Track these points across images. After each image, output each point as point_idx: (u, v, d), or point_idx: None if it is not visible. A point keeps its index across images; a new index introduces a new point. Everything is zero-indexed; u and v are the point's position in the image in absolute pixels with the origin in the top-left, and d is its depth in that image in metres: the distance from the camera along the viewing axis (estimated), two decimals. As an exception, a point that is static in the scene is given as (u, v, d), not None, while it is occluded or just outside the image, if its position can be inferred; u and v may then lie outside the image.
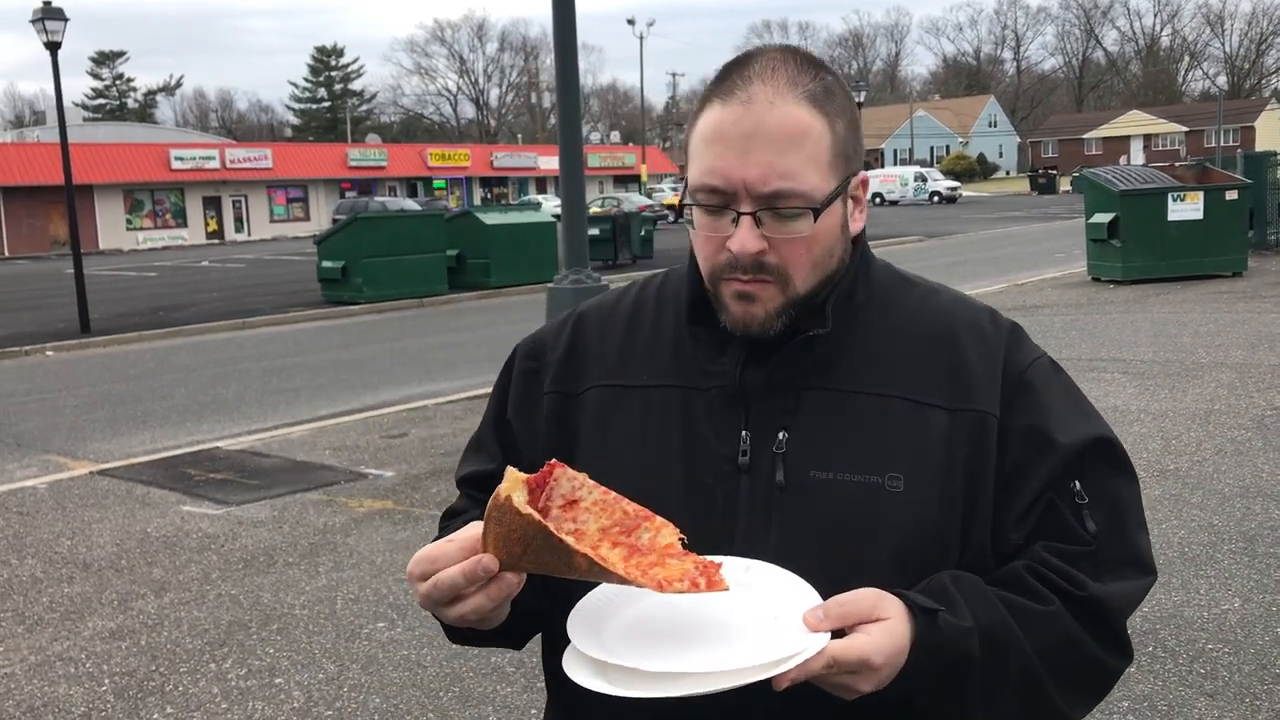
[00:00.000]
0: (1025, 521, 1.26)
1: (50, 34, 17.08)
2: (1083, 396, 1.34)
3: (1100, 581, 1.23)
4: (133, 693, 4.54)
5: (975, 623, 1.16)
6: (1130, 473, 1.31)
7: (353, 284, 20.20)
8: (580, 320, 1.44)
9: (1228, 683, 4.11)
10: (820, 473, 1.24)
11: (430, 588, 1.14)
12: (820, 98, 1.24)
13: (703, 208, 1.25)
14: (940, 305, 1.35)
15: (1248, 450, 7.21)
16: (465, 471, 1.46)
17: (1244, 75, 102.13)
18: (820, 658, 1.07)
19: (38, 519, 7.20)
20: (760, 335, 1.26)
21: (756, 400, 1.28)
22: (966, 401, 1.26)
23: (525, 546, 1.08)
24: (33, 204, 48.97)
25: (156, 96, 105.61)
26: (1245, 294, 15.13)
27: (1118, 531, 1.26)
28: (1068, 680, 1.23)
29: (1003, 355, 1.31)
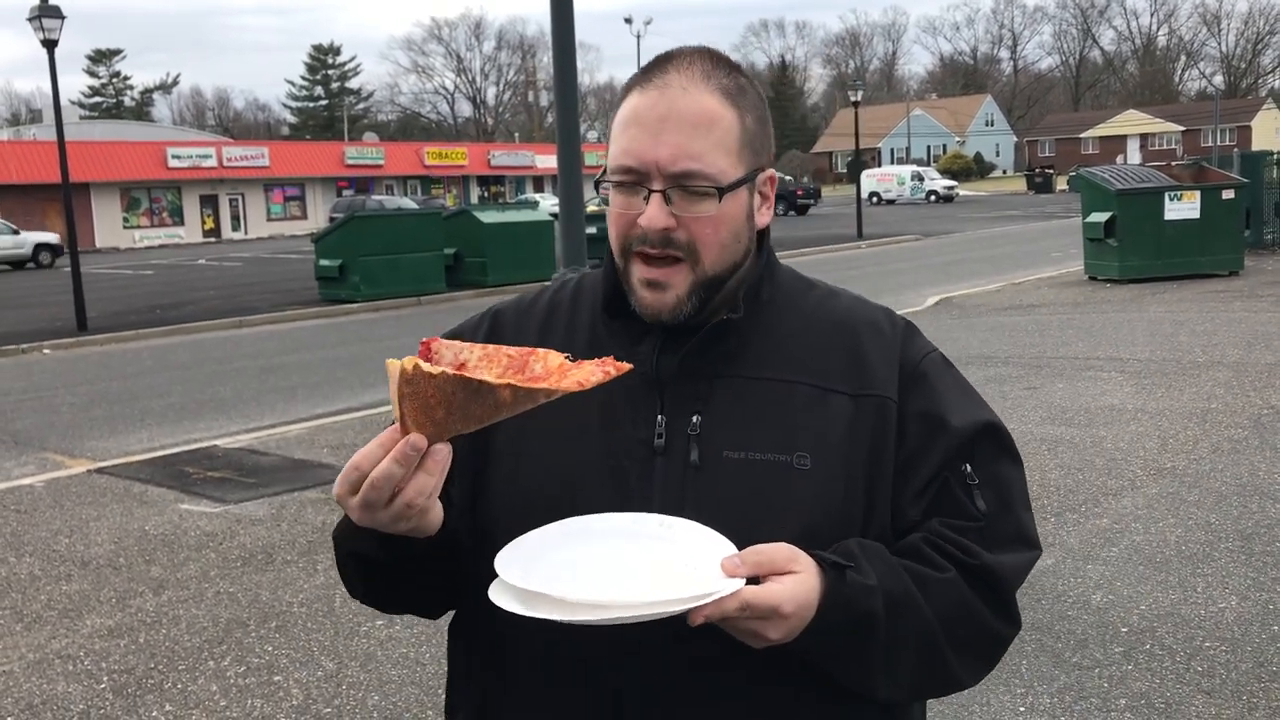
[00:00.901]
0: (921, 499, 1.34)
1: (47, 31, 17.06)
2: (971, 386, 1.43)
3: (991, 553, 1.31)
4: (131, 690, 4.54)
5: (879, 583, 1.23)
6: (1016, 457, 1.40)
7: (350, 282, 20.19)
8: (497, 317, 1.49)
9: (1225, 680, 4.12)
10: (732, 453, 1.30)
11: (367, 490, 1.14)
12: (732, 91, 1.32)
13: (617, 186, 1.32)
14: (840, 305, 1.44)
15: (1244, 449, 7.23)
16: None
17: (1240, 75, 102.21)
18: (734, 599, 1.14)
19: (35, 517, 7.19)
20: (671, 320, 1.32)
21: (671, 386, 1.33)
22: (867, 387, 1.35)
23: (447, 406, 1.10)
24: (29, 202, 48.87)
25: (153, 95, 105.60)
26: (1242, 293, 15.15)
27: (1005, 510, 1.34)
28: (962, 645, 1.30)
29: (899, 348, 1.40)
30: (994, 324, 13.65)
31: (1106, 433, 7.81)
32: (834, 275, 22.25)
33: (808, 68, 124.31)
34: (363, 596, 1.40)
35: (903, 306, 15.84)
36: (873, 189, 60.28)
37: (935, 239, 31.82)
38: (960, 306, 15.68)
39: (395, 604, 1.42)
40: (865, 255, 27.66)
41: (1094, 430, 7.91)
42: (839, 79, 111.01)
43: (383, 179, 61.23)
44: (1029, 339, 12.23)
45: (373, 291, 20.06)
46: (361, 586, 1.37)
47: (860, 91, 36.12)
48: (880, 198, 60.71)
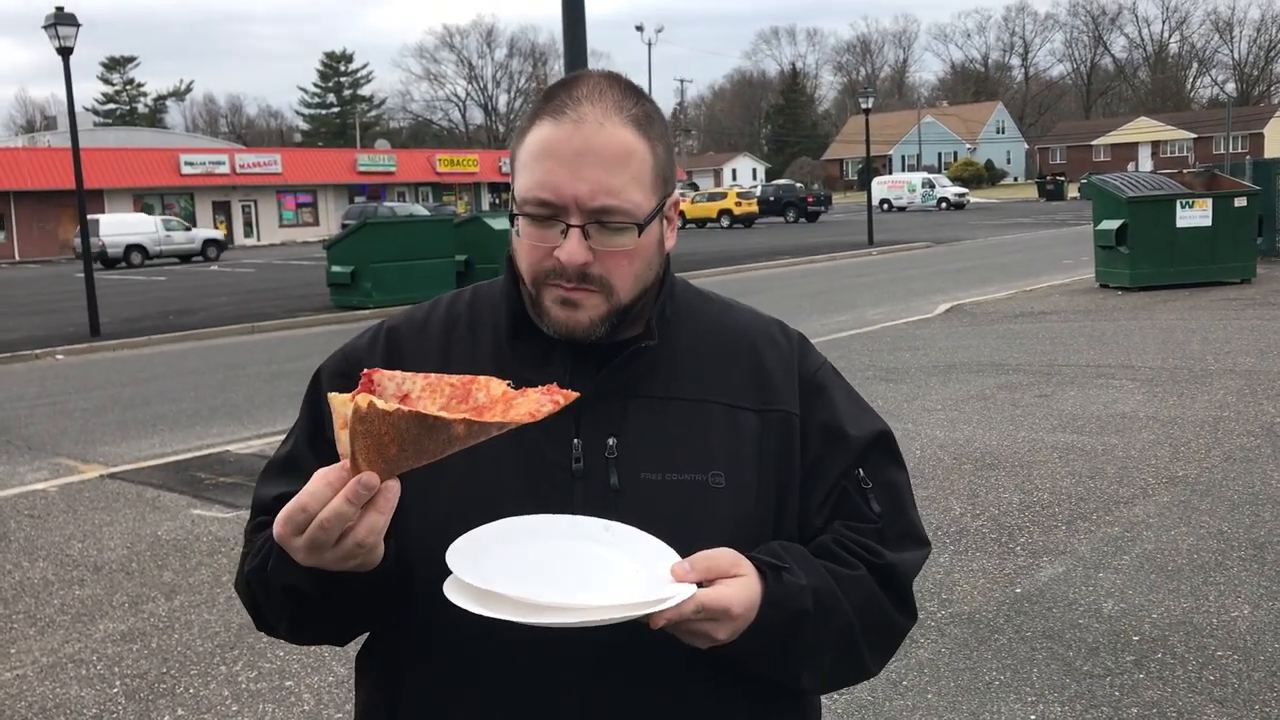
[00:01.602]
0: (825, 506, 1.40)
1: (62, 39, 17.17)
2: (860, 395, 1.51)
3: (891, 552, 1.39)
4: (144, 695, 4.56)
5: (808, 581, 1.30)
6: (901, 461, 1.48)
7: (362, 288, 20.24)
8: (392, 333, 1.46)
9: (1237, 690, 4.11)
10: (650, 474, 1.33)
11: (315, 531, 1.13)
12: (643, 122, 1.33)
13: (531, 218, 1.31)
14: (737, 320, 1.48)
15: (1257, 457, 7.20)
16: (280, 490, 1.38)
17: (1253, 82, 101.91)
18: (691, 602, 1.19)
19: (49, 522, 7.23)
20: (583, 339, 1.33)
21: (585, 409, 1.31)
22: (772, 403, 1.40)
23: (400, 443, 1.09)
24: (43, 208, 49.16)
25: (166, 101, 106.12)
26: (1254, 301, 15.10)
27: (897, 511, 1.42)
28: (873, 638, 1.38)
29: (796, 361, 1.45)
30: (1005, 331, 13.62)
31: (1118, 440, 7.79)
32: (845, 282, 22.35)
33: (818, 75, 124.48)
34: (285, 631, 1.37)
35: (914, 313, 15.83)
36: (883, 196, 60.24)
37: (946, 246, 31.78)
38: (971, 314, 15.66)
39: (312, 635, 1.39)
40: (876, 262, 27.64)
41: (1105, 438, 7.89)
42: (850, 86, 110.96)
43: (394, 186, 61.41)
44: (1040, 346, 12.20)
45: (384, 298, 20.09)
46: (286, 621, 1.34)
47: (871, 98, 36.10)
48: (891, 205, 60.66)
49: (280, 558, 1.24)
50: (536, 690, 1.30)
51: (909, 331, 14.12)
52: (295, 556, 1.18)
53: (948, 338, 13.38)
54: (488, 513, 1.29)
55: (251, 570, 1.34)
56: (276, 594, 1.30)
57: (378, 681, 1.43)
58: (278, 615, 1.34)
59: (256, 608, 1.38)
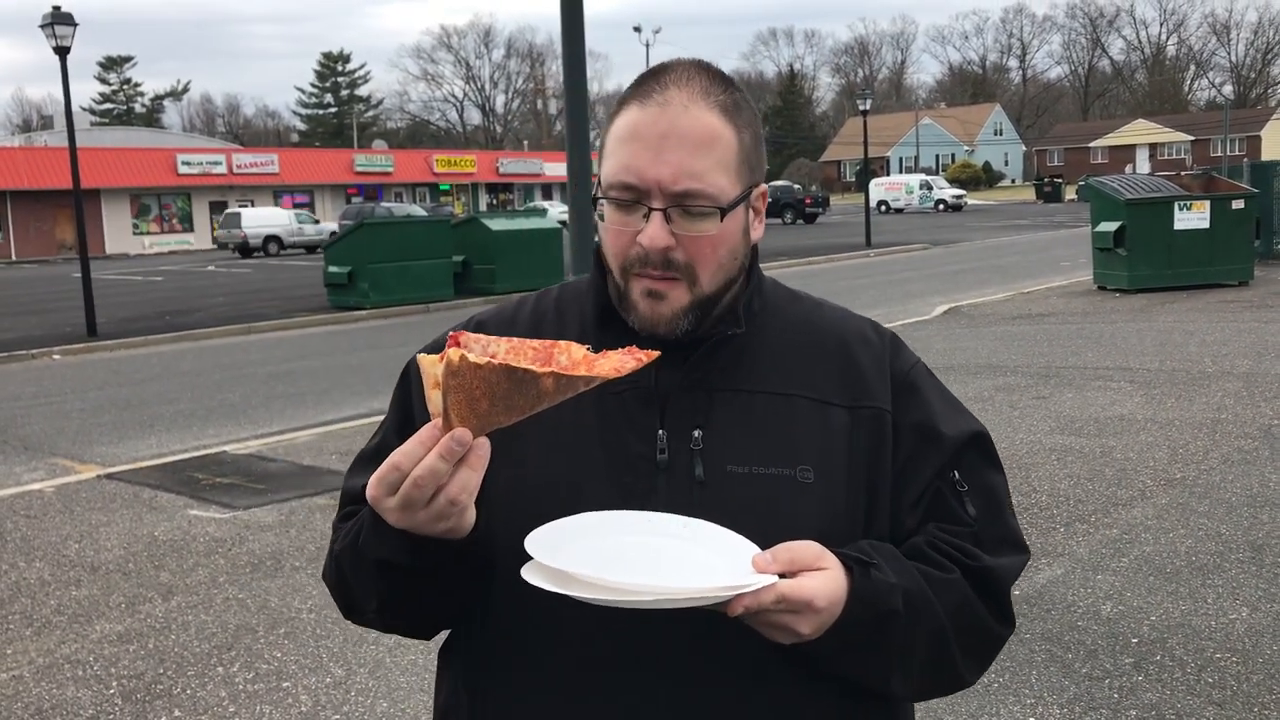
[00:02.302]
0: (918, 507, 1.37)
1: (59, 39, 17.15)
2: (954, 396, 1.47)
3: (989, 556, 1.35)
4: (140, 696, 4.55)
5: (899, 581, 1.26)
6: (998, 464, 1.44)
7: (359, 289, 20.24)
8: (481, 328, 1.47)
9: (1236, 692, 4.11)
10: (736, 467, 1.31)
11: (409, 488, 1.12)
12: (730, 108, 1.32)
13: (615, 203, 1.31)
14: (827, 317, 1.46)
15: (1255, 459, 7.20)
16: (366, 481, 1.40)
17: (1250, 84, 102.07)
18: (771, 591, 1.16)
19: (45, 522, 7.21)
20: (667, 334, 1.32)
21: (671, 401, 1.33)
22: (863, 400, 1.37)
23: (491, 397, 1.10)
24: (40, 208, 49.13)
25: (164, 101, 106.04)
26: (1252, 303, 15.11)
27: (994, 515, 1.39)
28: (967, 644, 1.33)
29: (888, 359, 1.42)
30: (1003, 333, 13.63)
31: (1116, 443, 7.79)
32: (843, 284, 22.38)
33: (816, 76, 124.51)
34: (374, 613, 1.35)
35: (911, 315, 15.83)
36: (881, 198, 60.30)
37: (944, 248, 31.80)
38: (969, 315, 15.66)
39: (402, 620, 1.38)
40: (874, 264, 27.65)
41: (1103, 440, 7.89)
42: (847, 88, 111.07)
43: (392, 186, 61.42)
44: (1038, 348, 12.20)
45: (381, 299, 20.10)
46: (375, 600, 1.32)
47: (869, 100, 36.13)
48: (889, 206, 60.71)
49: (372, 529, 1.23)
50: (619, 691, 1.28)
51: (907, 333, 14.12)
52: (388, 518, 1.16)
53: (945, 339, 13.38)
54: (570, 503, 1.28)
55: (342, 550, 1.33)
56: (368, 569, 1.27)
57: (459, 679, 1.42)
58: (367, 594, 1.31)
59: (346, 590, 1.36)
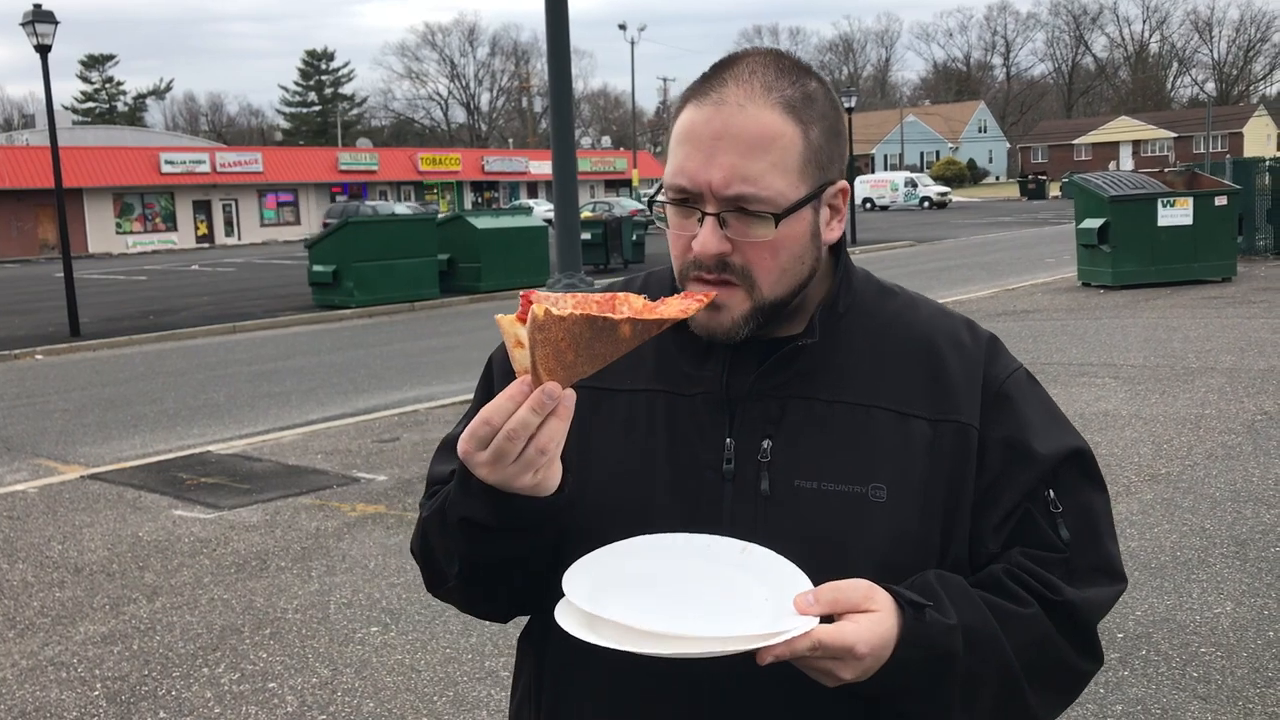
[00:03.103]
0: (1002, 530, 1.29)
1: (40, 37, 17.05)
2: (1057, 407, 1.38)
3: (1074, 587, 1.26)
4: (125, 697, 4.52)
5: (960, 620, 1.18)
6: (1100, 483, 1.34)
7: (344, 288, 20.17)
8: None
9: (1221, 686, 4.13)
10: (805, 482, 1.25)
11: (502, 441, 1.12)
12: (796, 104, 1.25)
13: (673, 205, 1.27)
14: (920, 316, 1.38)
15: (1238, 455, 7.24)
16: (451, 467, 1.37)
17: (1232, 82, 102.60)
18: (806, 639, 1.10)
19: (28, 523, 7.17)
20: (726, 340, 1.27)
21: (741, 408, 1.28)
22: (948, 413, 1.29)
23: (576, 348, 1.12)
24: (22, 207, 48.82)
25: (146, 100, 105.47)
26: (1235, 299, 15.19)
27: (1090, 540, 1.29)
28: (1042, 682, 1.25)
29: (982, 367, 1.34)
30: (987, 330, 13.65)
31: (1100, 438, 7.82)
32: (828, 281, 22.33)
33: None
34: (455, 580, 1.31)
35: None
36: (866, 195, 60.39)
37: (928, 245, 31.88)
38: (954, 312, 15.69)
39: (482, 592, 1.33)
40: (859, 261, 27.49)
41: (1088, 436, 7.92)
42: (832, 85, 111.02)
43: (376, 184, 61.23)
44: (1022, 345, 12.24)
45: (366, 297, 20.04)
46: (458, 564, 1.28)
47: (853, 98, 36.18)
48: (874, 204, 60.81)
49: (460, 487, 1.21)
50: (662, 706, 1.26)
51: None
52: (478, 473, 1.15)
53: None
54: (634, 510, 1.26)
55: (429, 515, 1.32)
56: (453, 530, 1.25)
57: (534, 667, 1.41)
58: (450, 558, 1.29)
59: (430, 557, 1.34)
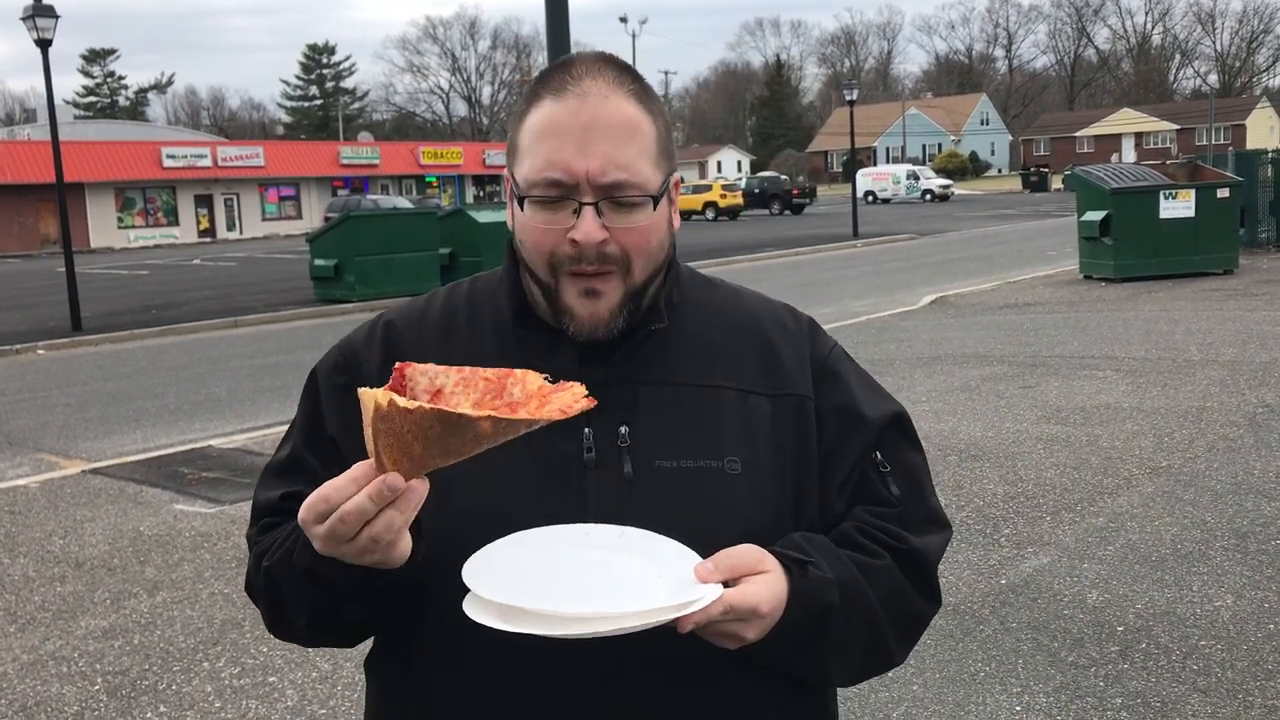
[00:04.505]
0: (845, 490, 1.38)
1: (41, 31, 17.02)
2: (872, 378, 1.48)
3: (915, 536, 1.36)
4: (126, 692, 4.53)
5: (834, 575, 1.26)
6: (918, 444, 1.45)
7: (345, 282, 20.17)
8: (390, 327, 1.42)
9: (1221, 679, 4.12)
10: (665, 462, 1.30)
11: (335, 523, 1.11)
12: (643, 96, 1.31)
13: (540, 201, 1.27)
14: (745, 304, 1.45)
15: (1239, 447, 7.23)
16: (283, 491, 1.37)
17: (1235, 73, 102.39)
18: (719, 603, 1.15)
19: (30, 518, 7.18)
20: (605, 337, 1.30)
21: (595, 397, 1.28)
22: (783, 387, 1.37)
23: (425, 442, 1.06)
24: (23, 202, 48.81)
25: (148, 94, 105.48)
26: (1237, 292, 15.17)
27: (917, 494, 1.40)
28: (898, 627, 1.35)
29: (808, 346, 1.42)
30: (989, 323, 13.65)
31: (1102, 431, 7.82)
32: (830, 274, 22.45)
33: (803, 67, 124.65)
34: (303, 628, 1.32)
35: (898, 305, 15.85)
36: (868, 188, 60.28)
37: (930, 238, 31.85)
38: (955, 305, 15.69)
39: (331, 633, 1.35)
40: (861, 254, 27.67)
41: (1089, 429, 7.92)
42: (834, 78, 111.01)
43: (378, 178, 61.19)
44: (1024, 338, 12.23)
45: (368, 291, 20.03)
46: (306, 616, 1.29)
47: (855, 91, 36.09)
48: (876, 197, 60.73)
49: (305, 545, 1.21)
50: (559, 693, 1.27)
51: (894, 323, 14.14)
52: (315, 544, 1.16)
53: (932, 329, 13.40)
54: (499, 506, 1.26)
55: (274, 564, 1.30)
56: (299, 579, 1.25)
57: (392, 687, 1.39)
58: (299, 607, 1.29)
59: (276, 604, 1.33)
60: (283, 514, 1.36)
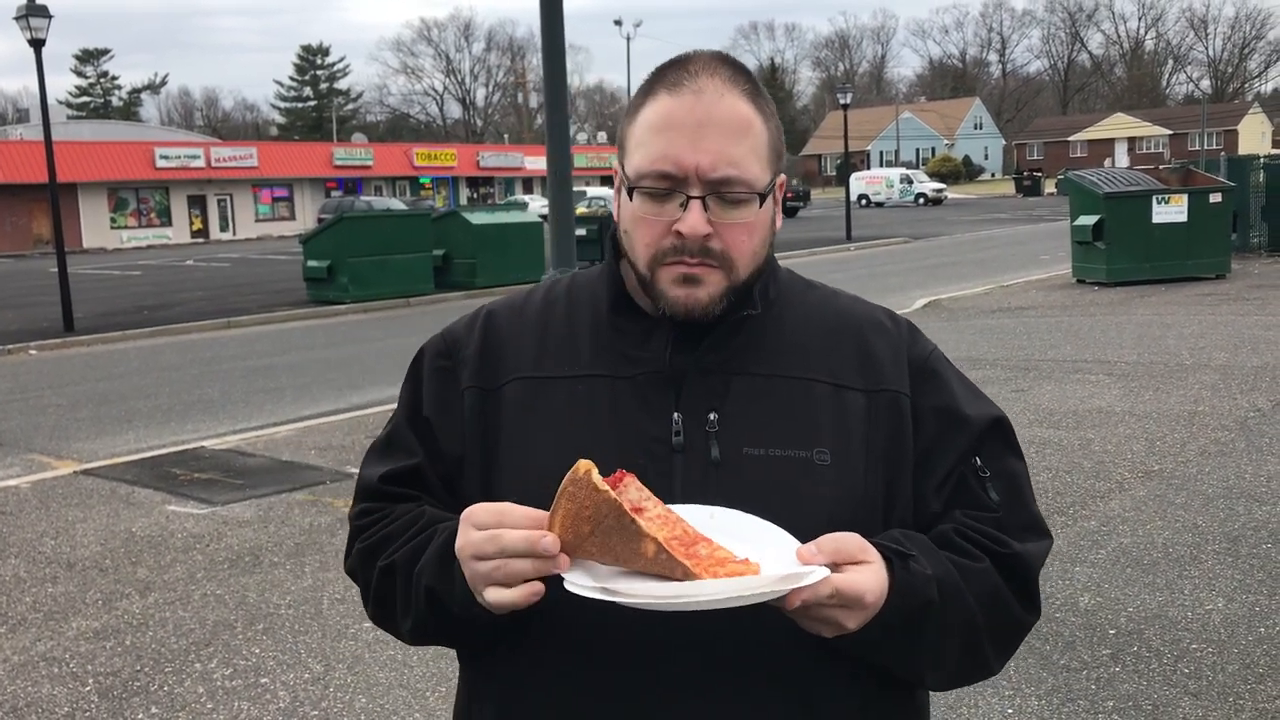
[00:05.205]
0: (942, 491, 1.36)
1: (34, 31, 16.98)
2: (973, 383, 1.47)
3: (1017, 542, 1.34)
4: (117, 693, 4.52)
5: (934, 572, 1.25)
6: (1019, 450, 1.43)
7: (339, 283, 20.15)
8: (490, 317, 1.46)
9: (1212, 682, 4.13)
10: (753, 449, 1.30)
11: (487, 539, 1.16)
12: (756, 97, 1.32)
13: (649, 193, 1.29)
14: (841, 303, 1.46)
15: (1231, 451, 7.25)
16: (383, 470, 1.43)
17: (1227, 79, 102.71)
18: (826, 584, 1.14)
19: (21, 519, 7.16)
20: (702, 318, 1.31)
21: (686, 383, 1.32)
22: (879, 383, 1.37)
23: (595, 525, 1.10)
24: (16, 202, 48.68)
25: (141, 95, 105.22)
26: (1229, 296, 15.21)
27: (1017, 501, 1.38)
28: (995, 633, 1.33)
29: (905, 346, 1.42)
30: (982, 326, 13.68)
31: (1094, 435, 7.83)
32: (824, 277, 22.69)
33: (797, 70, 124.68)
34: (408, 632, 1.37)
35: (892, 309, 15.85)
36: (862, 191, 60.36)
37: (924, 241, 31.89)
38: (948, 309, 15.72)
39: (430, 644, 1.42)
40: (854, 257, 27.70)
41: (1082, 432, 7.93)
42: (828, 81, 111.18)
43: (371, 180, 61.12)
44: (1017, 341, 12.25)
45: (361, 293, 20.02)
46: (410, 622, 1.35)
47: (849, 94, 36.15)
48: (869, 200, 60.81)
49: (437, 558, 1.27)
50: (641, 690, 1.27)
51: (887, 326, 14.13)
52: (456, 541, 1.21)
53: (925, 333, 13.38)
54: None
55: (395, 563, 1.33)
56: (418, 594, 1.30)
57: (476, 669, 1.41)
58: (404, 613, 1.34)
59: (384, 602, 1.37)
60: (381, 498, 1.42)
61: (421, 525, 1.34)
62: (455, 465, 1.39)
